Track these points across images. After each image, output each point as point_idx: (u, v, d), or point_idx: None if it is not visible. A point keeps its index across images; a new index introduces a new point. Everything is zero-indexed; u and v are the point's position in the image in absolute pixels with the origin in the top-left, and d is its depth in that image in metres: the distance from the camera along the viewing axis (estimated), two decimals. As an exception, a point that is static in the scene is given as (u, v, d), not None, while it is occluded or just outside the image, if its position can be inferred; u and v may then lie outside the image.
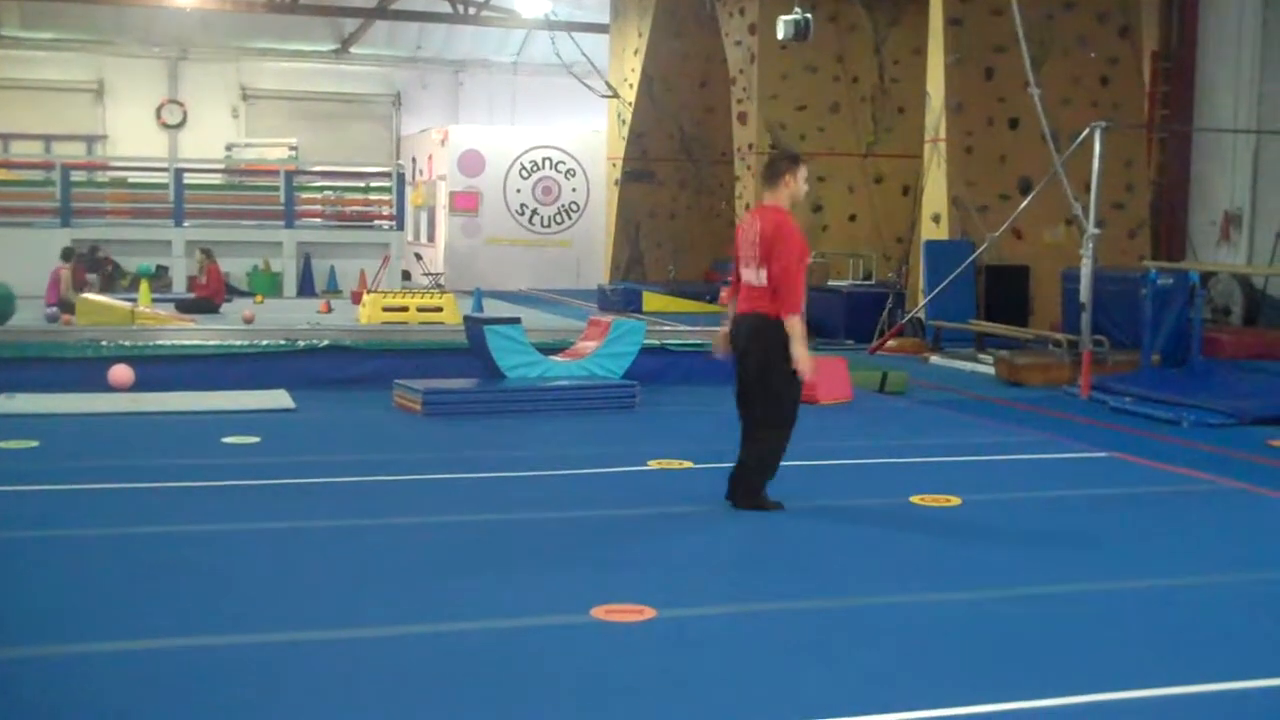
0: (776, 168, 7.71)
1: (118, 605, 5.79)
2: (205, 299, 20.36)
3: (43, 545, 6.85)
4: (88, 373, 12.27)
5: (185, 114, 31.97)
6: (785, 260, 7.40)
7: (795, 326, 7.40)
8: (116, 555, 6.64)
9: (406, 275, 26.70)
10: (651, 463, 9.25)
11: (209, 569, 6.40)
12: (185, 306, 19.73)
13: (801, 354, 7.40)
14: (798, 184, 7.64)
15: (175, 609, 5.74)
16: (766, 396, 7.62)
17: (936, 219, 18.02)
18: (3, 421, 10.55)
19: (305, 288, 24.95)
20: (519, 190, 30.29)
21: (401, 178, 27.00)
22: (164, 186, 25.29)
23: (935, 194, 18.11)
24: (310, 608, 5.81)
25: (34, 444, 9.59)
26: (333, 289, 24.75)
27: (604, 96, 26.70)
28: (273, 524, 7.40)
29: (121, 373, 12.17)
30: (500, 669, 5.03)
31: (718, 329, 8.06)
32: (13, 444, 9.55)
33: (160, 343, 13.28)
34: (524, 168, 30.29)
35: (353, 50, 32.68)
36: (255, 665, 5.04)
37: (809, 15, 18.99)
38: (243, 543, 6.97)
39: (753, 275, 7.51)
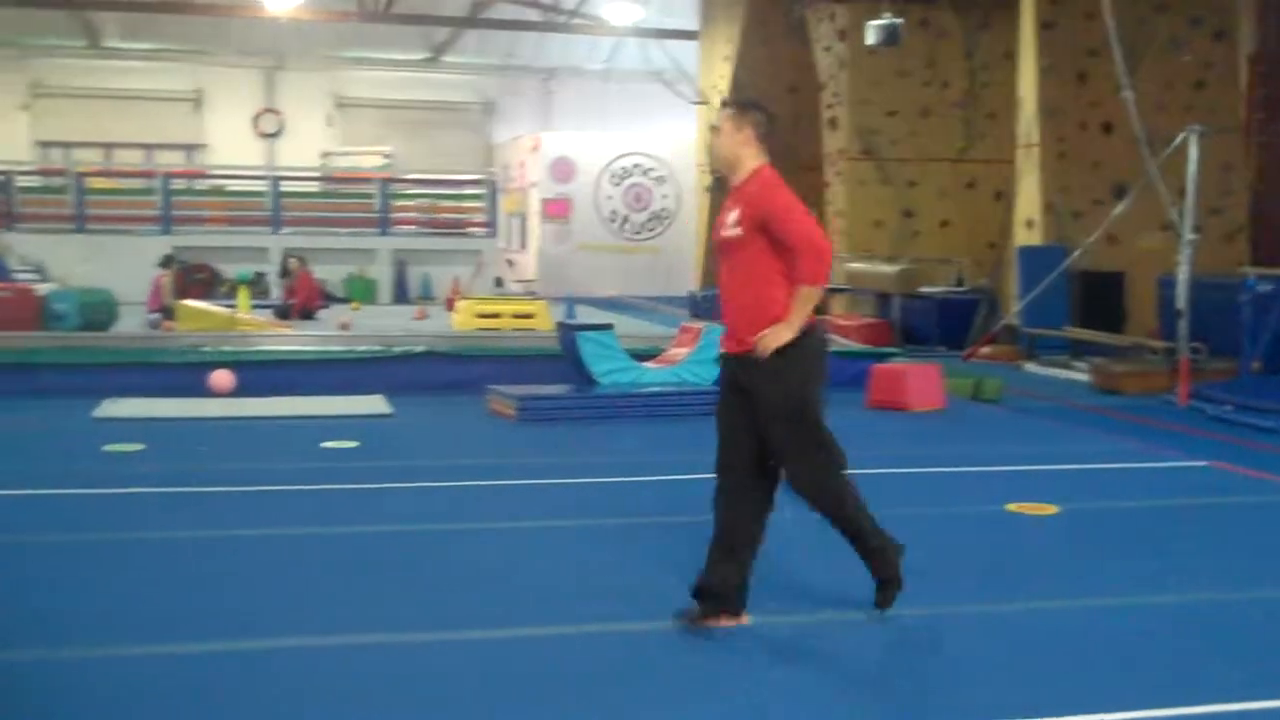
0: None
1: (222, 606, 5.91)
2: (301, 305, 20.64)
3: (150, 547, 7.01)
4: (189, 378, 12.52)
5: (281, 123, 32.43)
6: None
7: None
8: (220, 558, 6.78)
9: (499, 282, 26.89)
10: (744, 469, 9.26)
11: (309, 572, 6.53)
12: (283, 313, 20.03)
13: None
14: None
15: (279, 610, 5.86)
16: None
17: (1030, 224, 17.89)
18: (110, 425, 10.81)
19: (400, 294, 25.23)
20: (610, 197, 30.41)
21: (494, 185, 27.22)
22: (261, 194, 25.71)
23: (1028, 199, 17.99)
24: (408, 610, 5.89)
25: (140, 447, 9.81)
26: (427, 296, 25.00)
27: (694, 103, 26.74)
28: (373, 528, 7.52)
29: (222, 378, 12.40)
30: (587, 674, 5.10)
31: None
32: (121, 447, 9.78)
33: (260, 348, 13.52)
34: (615, 174, 30.40)
35: (445, 58, 32.96)
36: (355, 666, 5.14)
37: (900, 21, 18.93)
38: (342, 546, 7.09)
39: None
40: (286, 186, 26.07)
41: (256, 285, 22.77)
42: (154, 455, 9.60)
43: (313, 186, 28.52)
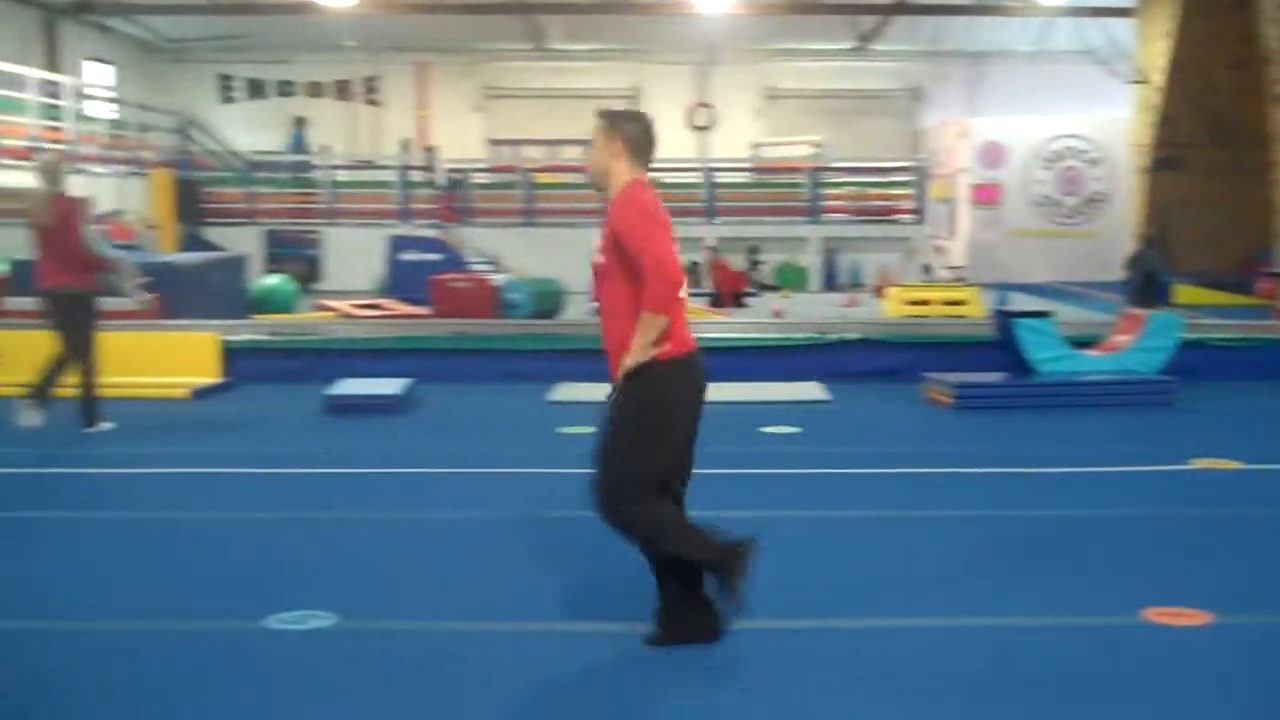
0: None
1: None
2: (728, 292, 21.17)
3: (581, 526, 7.43)
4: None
5: (713, 116, 33.24)
6: None
7: None
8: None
9: (927, 269, 26.76)
10: (1195, 462, 9.02)
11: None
12: (716, 301, 20.62)
13: None
14: None
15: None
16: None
17: None
18: (563, 408, 11.48)
19: (829, 281, 25.48)
20: (1041, 181, 29.75)
21: (923, 171, 27.11)
22: (696, 186, 26.46)
23: None
24: (844, 595, 6.07)
25: (593, 430, 10.33)
26: (856, 283, 25.15)
27: (1130, 83, 25.87)
28: (813, 512, 7.73)
29: (666, 364, 12.90)
30: (1048, 669, 5.12)
31: None
32: (575, 429, 10.34)
33: (698, 335, 13.98)
34: (1046, 158, 29.72)
35: (872, 46, 32.96)
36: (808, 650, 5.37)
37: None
38: (786, 529, 7.30)
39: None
40: (719, 177, 26.74)
41: (691, 274, 23.47)
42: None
43: (744, 177, 29.09)
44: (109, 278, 10.74)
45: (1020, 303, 17.70)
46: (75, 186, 19.62)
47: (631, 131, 5.40)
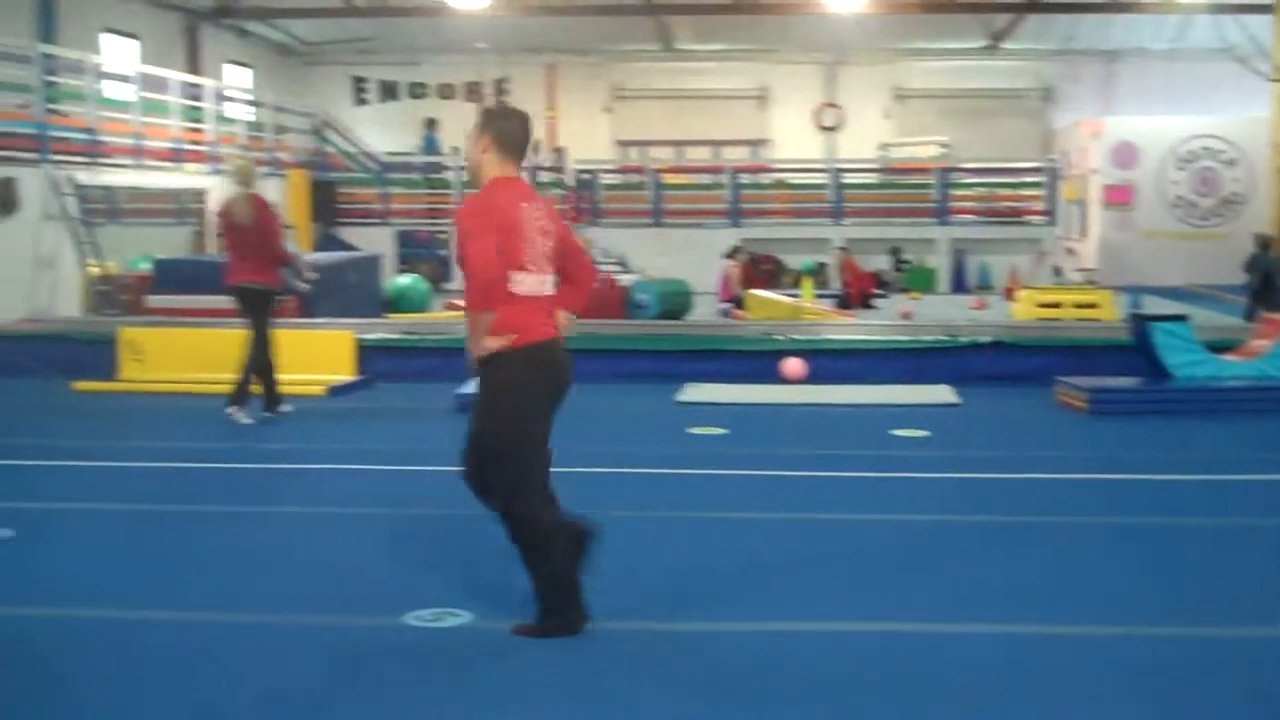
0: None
1: (792, 586, 6.24)
2: (857, 293, 21.10)
3: (734, 526, 7.49)
4: (761, 365, 13.11)
5: (841, 116, 33.11)
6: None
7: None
8: (795, 537, 7.14)
9: (1058, 271, 26.44)
10: (1341, 469, 8.85)
11: (870, 555, 6.78)
12: (844, 302, 20.55)
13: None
14: None
15: (838, 592, 6.15)
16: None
17: None
18: (692, 409, 11.52)
19: (957, 284, 25.28)
20: (1176, 181, 29.24)
21: (1054, 172, 26.77)
22: (823, 187, 26.40)
23: None
24: (964, 600, 6.03)
25: (723, 431, 10.41)
26: (985, 285, 24.92)
27: (1271, 80, 25.27)
28: (943, 516, 7.68)
29: (795, 365, 12.91)
30: (1181, 679, 5.06)
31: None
32: (705, 430, 10.42)
33: (827, 337, 13.98)
34: (1181, 158, 29.19)
35: (1003, 45, 32.60)
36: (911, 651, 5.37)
37: None
38: (919, 532, 7.30)
39: (544, 282, 5.50)
40: (847, 178, 26.66)
41: (819, 275, 23.42)
42: (735, 439, 10.16)
43: (871, 178, 28.97)
44: (289, 272, 11.25)
45: (1154, 306, 17.41)
46: (216, 187, 20.16)
47: (500, 128, 5.50)
